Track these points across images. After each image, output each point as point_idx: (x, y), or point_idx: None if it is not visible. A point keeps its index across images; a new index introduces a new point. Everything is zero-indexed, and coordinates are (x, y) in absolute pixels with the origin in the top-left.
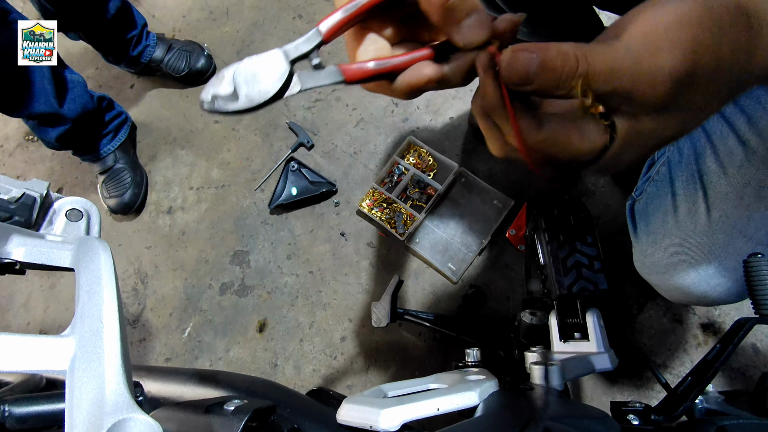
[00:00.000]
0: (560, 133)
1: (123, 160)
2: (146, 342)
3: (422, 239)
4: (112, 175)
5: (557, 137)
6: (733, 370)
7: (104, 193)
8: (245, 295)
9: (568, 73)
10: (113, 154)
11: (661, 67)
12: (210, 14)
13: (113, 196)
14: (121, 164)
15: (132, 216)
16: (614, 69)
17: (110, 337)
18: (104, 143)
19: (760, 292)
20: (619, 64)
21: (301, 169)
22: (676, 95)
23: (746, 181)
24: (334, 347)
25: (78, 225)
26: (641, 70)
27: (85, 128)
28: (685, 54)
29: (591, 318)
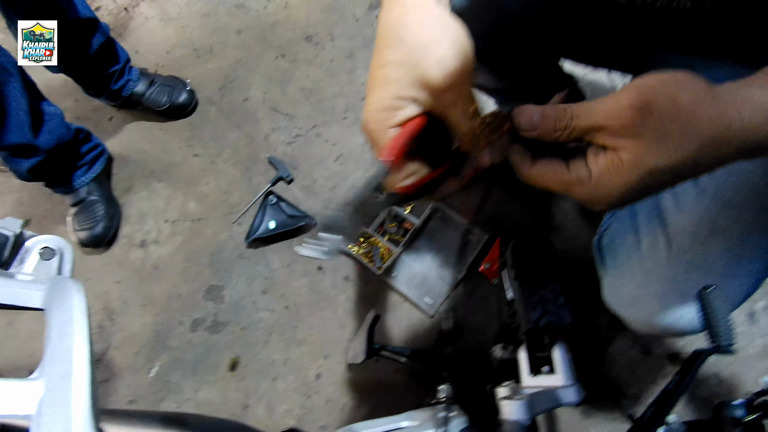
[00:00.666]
0: (548, 167)
1: (97, 193)
2: (109, 383)
3: (399, 273)
4: (84, 208)
5: (545, 171)
6: (699, 399)
7: (74, 226)
8: (218, 332)
9: (559, 118)
10: (87, 187)
11: (622, 101)
12: (194, 51)
13: (84, 229)
14: (95, 197)
15: (102, 249)
16: (590, 110)
17: (79, 381)
18: (78, 175)
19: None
20: (593, 106)
21: (280, 202)
22: (640, 120)
23: (700, 217)
24: (308, 385)
25: (50, 263)
26: (608, 107)
27: (59, 160)
28: (638, 91)
29: (558, 352)
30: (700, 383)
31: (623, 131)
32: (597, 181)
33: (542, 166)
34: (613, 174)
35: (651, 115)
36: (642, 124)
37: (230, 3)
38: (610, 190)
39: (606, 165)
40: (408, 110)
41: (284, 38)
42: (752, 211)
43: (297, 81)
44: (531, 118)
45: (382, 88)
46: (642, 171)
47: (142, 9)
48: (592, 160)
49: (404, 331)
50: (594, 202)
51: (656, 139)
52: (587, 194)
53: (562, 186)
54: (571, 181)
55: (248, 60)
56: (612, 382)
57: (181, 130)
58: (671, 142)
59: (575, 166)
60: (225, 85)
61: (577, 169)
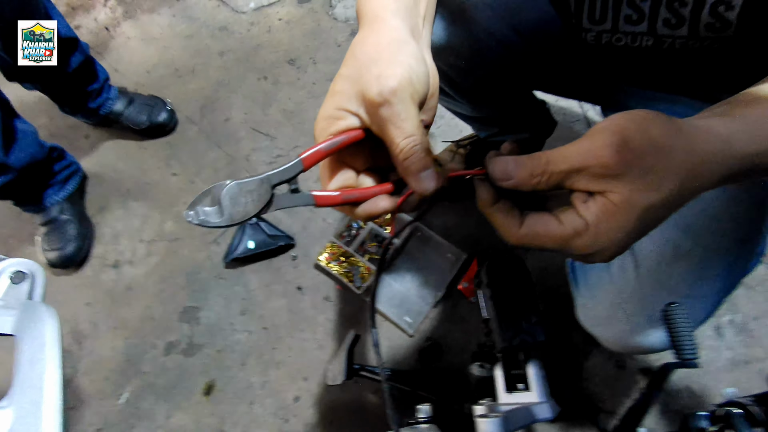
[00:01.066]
0: (539, 224)
1: (69, 212)
2: (75, 410)
3: (379, 292)
4: (54, 227)
5: (537, 228)
6: (672, 412)
7: (44, 246)
8: (192, 355)
9: (535, 165)
10: (59, 206)
11: (597, 142)
12: (175, 71)
13: (54, 249)
14: (67, 216)
15: (72, 270)
16: (565, 154)
17: (50, 408)
18: (50, 194)
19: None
20: (568, 149)
21: (259, 222)
22: (621, 157)
23: (665, 241)
24: (286, 409)
25: (21, 288)
26: (584, 149)
27: (30, 179)
28: (612, 130)
29: (532, 369)
30: (672, 396)
31: (605, 172)
32: (596, 229)
33: (532, 225)
34: (609, 219)
35: (630, 152)
36: (623, 163)
37: (213, 25)
38: (611, 237)
39: (599, 211)
40: (346, 122)
41: (267, 61)
42: (711, 236)
43: (279, 103)
44: (506, 167)
45: (329, 99)
46: (637, 211)
47: (123, 29)
48: (583, 207)
49: (384, 350)
50: (597, 253)
51: (641, 177)
52: (588, 246)
53: (558, 242)
54: (568, 235)
55: (230, 81)
56: (588, 397)
57: (159, 149)
58: (656, 177)
59: (567, 218)
60: (206, 105)
61: (571, 221)
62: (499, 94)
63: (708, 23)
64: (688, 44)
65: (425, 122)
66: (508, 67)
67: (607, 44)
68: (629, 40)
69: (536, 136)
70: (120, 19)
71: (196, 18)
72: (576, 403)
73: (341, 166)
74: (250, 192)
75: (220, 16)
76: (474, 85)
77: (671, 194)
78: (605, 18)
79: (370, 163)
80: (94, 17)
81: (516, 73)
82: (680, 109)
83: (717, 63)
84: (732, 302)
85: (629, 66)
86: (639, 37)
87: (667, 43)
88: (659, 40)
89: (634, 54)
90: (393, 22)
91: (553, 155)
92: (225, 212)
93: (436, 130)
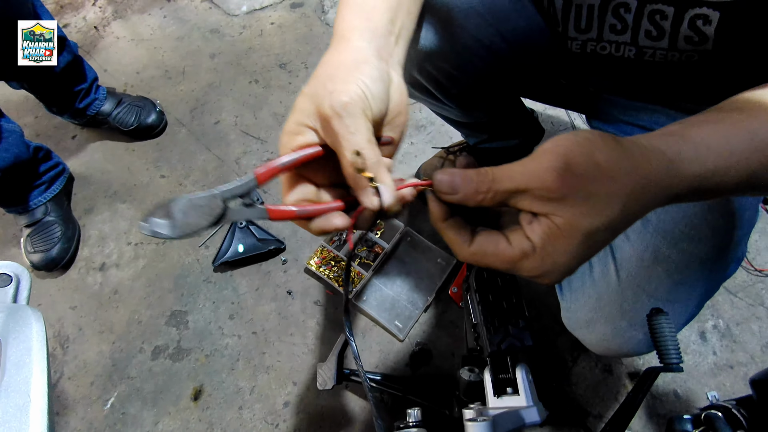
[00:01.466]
0: (489, 243)
1: (54, 213)
2: (60, 416)
3: (369, 297)
4: (39, 229)
5: (486, 248)
6: (658, 416)
7: (28, 248)
8: (180, 360)
9: (481, 181)
10: (44, 207)
11: (542, 163)
12: (165, 73)
13: (38, 251)
14: (52, 217)
15: (58, 273)
16: (511, 173)
17: (37, 412)
18: (35, 195)
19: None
20: (513, 169)
21: (249, 226)
22: (564, 182)
23: (645, 246)
24: (276, 414)
25: (5, 290)
26: (529, 170)
27: (15, 179)
28: (556, 153)
29: (520, 373)
30: (658, 400)
31: (548, 194)
32: (542, 251)
33: (482, 243)
34: (554, 242)
35: (573, 176)
36: (566, 186)
37: (205, 27)
38: (555, 259)
39: (543, 233)
40: (305, 137)
41: (258, 64)
42: (689, 242)
43: (270, 106)
44: (452, 181)
45: (292, 115)
46: (580, 235)
47: (113, 28)
48: (529, 229)
49: (375, 354)
50: (544, 275)
51: (583, 201)
52: (535, 268)
53: (507, 263)
54: (515, 257)
55: (221, 84)
56: (576, 402)
57: (147, 150)
58: (599, 202)
59: (516, 238)
60: (196, 108)
61: (519, 242)
62: (488, 100)
63: (687, 36)
64: (668, 56)
65: (392, 139)
66: (496, 74)
67: (591, 53)
68: (613, 50)
69: (524, 143)
70: (109, 19)
71: (188, 20)
72: (563, 408)
73: (300, 180)
74: (201, 207)
75: (211, 18)
76: (462, 90)
77: (615, 217)
78: (591, 27)
79: (332, 179)
80: (83, 16)
81: (503, 80)
82: (661, 119)
83: (697, 76)
84: (715, 308)
85: (612, 75)
86: (622, 46)
87: (648, 54)
88: (641, 51)
89: (617, 64)
90: (357, 43)
91: (498, 173)
92: (177, 224)
93: (426, 137)
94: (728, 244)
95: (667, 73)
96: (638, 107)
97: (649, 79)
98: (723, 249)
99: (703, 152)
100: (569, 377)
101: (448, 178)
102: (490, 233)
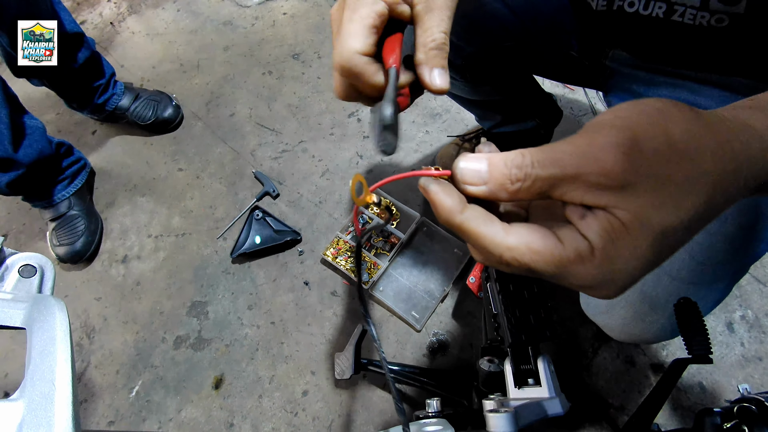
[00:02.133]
0: (534, 237)
1: (77, 207)
2: (88, 403)
3: (386, 287)
4: (63, 223)
5: (530, 242)
6: (684, 408)
7: (54, 241)
8: (201, 349)
9: (516, 166)
10: (67, 201)
11: (598, 141)
12: (180, 66)
13: (63, 244)
14: (75, 211)
15: (82, 265)
16: (556, 154)
17: (62, 401)
18: (59, 189)
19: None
20: (560, 149)
21: (266, 217)
22: (629, 163)
23: None
24: (295, 403)
25: (30, 281)
26: (581, 149)
27: (39, 174)
28: (619, 127)
29: (542, 364)
30: (684, 393)
31: (607, 181)
32: (601, 254)
33: (524, 236)
34: (617, 243)
35: (641, 157)
36: (632, 169)
37: (217, 20)
38: (617, 265)
39: (604, 230)
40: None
41: (271, 55)
42: (714, 221)
43: (284, 97)
44: (479, 168)
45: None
46: (651, 234)
47: (128, 24)
48: (583, 225)
49: (392, 345)
50: (601, 285)
51: (655, 190)
52: (591, 276)
53: (554, 266)
54: (567, 259)
55: (235, 76)
56: (597, 394)
57: (165, 144)
58: (677, 191)
59: (567, 237)
60: (211, 101)
61: (573, 241)
62: (495, 74)
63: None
64: (697, 18)
65: None
66: (502, 44)
67: (618, 10)
68: (641, 7)
69: (542, 125)
70: (125, 14)
71: (201, 13)
72: (585, 399)
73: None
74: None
75: (224, 10)
76: (467, 60)
77: (696, 213)
78: None
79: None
80: (99, 12)
81: (510, 51)
82: (683, 94)
83: (725, 44)
84: (743, 298)
85: (636, 40)
86: (651, 3)
87: (678, 12)
88: (671, 8)
89: (643, 24)
90: None
91: (539, 155)
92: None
93: (442, 125)
94: (755, 224)
95: (694, 39)
96: (658, 82)
97: (675, 45)
98: (750, 228)
99: None
100: (590, 368)
101: (474, 165)
102: (530, 226)
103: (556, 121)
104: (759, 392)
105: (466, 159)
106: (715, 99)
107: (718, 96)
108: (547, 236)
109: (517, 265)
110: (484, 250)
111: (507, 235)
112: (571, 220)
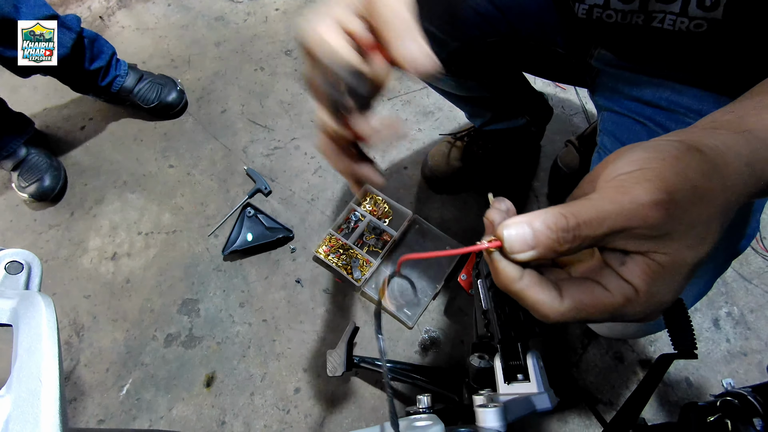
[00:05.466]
0: (585, 295)
1: (35, 151)
2: (77, 402)
3: (378, 285)
4: (25, 165)
5: (584, 300)
6: (671, 403)
7: (20, 184)
8: (192, 347)
9: (562, 229)
10: (24, 148)
11: (641, 199)
12: (171, 62)
13: (31, 183)
14: (34, 154)
15: (70, 261)
16: (600, 214)
17: (49, 397)
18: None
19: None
20: (604, 208)
21: (258, 214)
22: (668, 218)
23: None
24: (287, 400)
25: (17, 278)
26: (626, 209)
27: None
28: (656, 182)
29: (531, 360)
30: (671, 388)
31: (652, 233)
32: (646, 294)
33: (576, 296)
34: (658, 283)
35: (675, 206)
36: (670, 219)
37: (209, 15)
38: (660, 299)
39: (646, 274)
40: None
41: (263, 51)
42: None
43: (276, 94)
44: (526, 235)
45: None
46: (686, 270)
47: (117, 18)
48: (625, 271)
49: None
50: (648, 317)
51: (686, 233)
52: (640, 313)
53: (609, 312)
54: (618, 304)
55: (227, 72)
56: (587, 389)
57: (155, 140)
58: (702, 228)
59: (612, 284)
60: (203, 97)
61: (618, 287)
62: (480, 68)
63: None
64: (677, 23)
65: None
66: (486, 39)
67: (597, 20)
68: (619, 18)
69: (532, 123)
70: (114, 8)
71: (192, 7)
72: (574, 395)
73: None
74: None
75: (216, 5)
76: (452, 55)
77: (715, 241)
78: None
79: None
80: (88, 6)
81: (495, 47)
82: (665, 94)
83: (704, 49)
84: (729, 295)
85: (618, 44)
86: (629, 15)
87: (657, 19)
88: (649, 16)
89: (623, 31)
90: None
91: (584, 216)
92: None
93: (434, 123)
94: (737, 221)
95: (674, 43)
96: (642, 81)
97: (655, 49)
98: (732, 225)
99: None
100: (579, 364)
101: (522, 231)
102: (579, 283)
103: (546, 119)
104: (742, 387)
105: (512, 226)
106: (696, 98)
107: (699, 95)
108: (596, 289)
109: (572, 320)
110: (542, 314)
111: (562, 300)
112: (612, 266)
